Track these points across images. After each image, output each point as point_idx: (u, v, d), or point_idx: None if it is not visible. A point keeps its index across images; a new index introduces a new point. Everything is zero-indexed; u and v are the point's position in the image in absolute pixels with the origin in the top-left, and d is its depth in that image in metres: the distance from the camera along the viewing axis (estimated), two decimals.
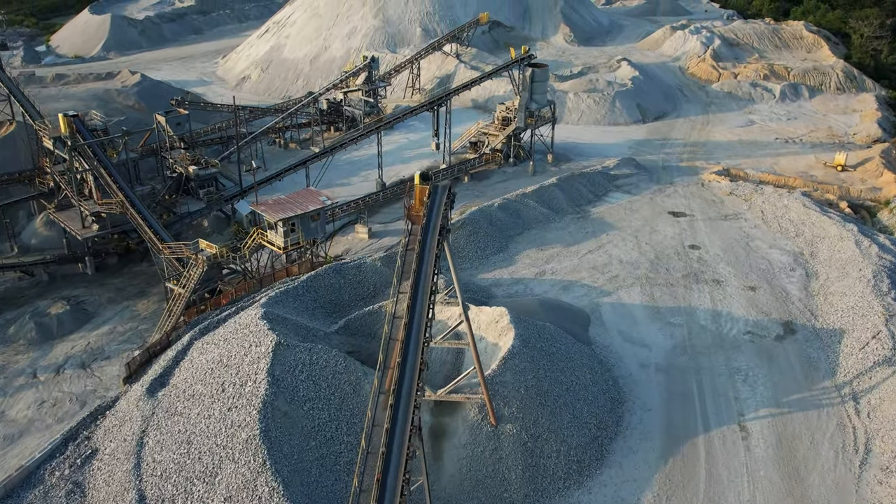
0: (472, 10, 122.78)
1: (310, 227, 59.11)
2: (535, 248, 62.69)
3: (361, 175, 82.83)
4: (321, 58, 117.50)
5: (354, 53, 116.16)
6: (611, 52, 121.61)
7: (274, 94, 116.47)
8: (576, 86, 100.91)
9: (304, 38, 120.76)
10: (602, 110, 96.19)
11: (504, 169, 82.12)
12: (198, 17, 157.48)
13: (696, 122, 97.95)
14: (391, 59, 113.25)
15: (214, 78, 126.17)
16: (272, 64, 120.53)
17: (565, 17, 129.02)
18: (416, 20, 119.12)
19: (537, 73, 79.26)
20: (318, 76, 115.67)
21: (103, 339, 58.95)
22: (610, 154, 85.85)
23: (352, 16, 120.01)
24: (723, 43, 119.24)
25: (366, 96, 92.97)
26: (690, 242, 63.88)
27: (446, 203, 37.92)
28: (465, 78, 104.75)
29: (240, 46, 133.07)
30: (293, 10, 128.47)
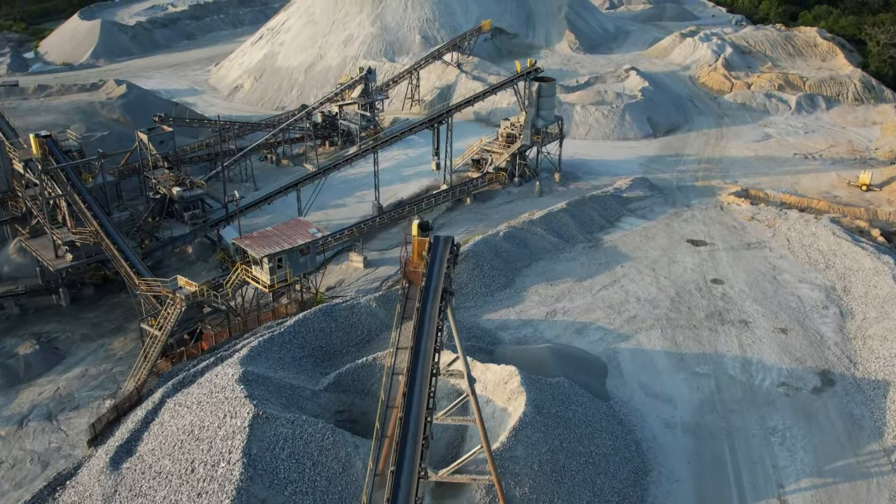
0: (473, 16, 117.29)
1: (298, 261, 53.74)
2: (545, 282, 57.26)
3: (357, 195, 77.40)
4: (316, 66, 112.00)
5: (351, 62, 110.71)
6: (618, 60, 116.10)
7: (267, 104, 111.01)
8: (583, 98, 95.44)
9: (299, 46, 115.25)
10: (611, 124, 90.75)
11: (509, 189, 76.72)
12: (191, 22, 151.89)
13: (709, 136, 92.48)
14: (389, 68, 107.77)
15: (206, 87, 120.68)
16: (265, 73, 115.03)
17: (570, 23, 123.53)
18: (416, 27, 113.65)
19: (544, 88, 73.80)
20: (313, 86, 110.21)
21: (74, 384, 53.56)
22: (620, 172, 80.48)
23: (348, 23, 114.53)
24: (734, 51, 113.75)
25: (362, 110, 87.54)
26: (713, 276, 58.47)
27: (449, 259, 32.48)
28: (466, 88, 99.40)
29: (233, 54, 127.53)
30: (287, 16, 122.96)
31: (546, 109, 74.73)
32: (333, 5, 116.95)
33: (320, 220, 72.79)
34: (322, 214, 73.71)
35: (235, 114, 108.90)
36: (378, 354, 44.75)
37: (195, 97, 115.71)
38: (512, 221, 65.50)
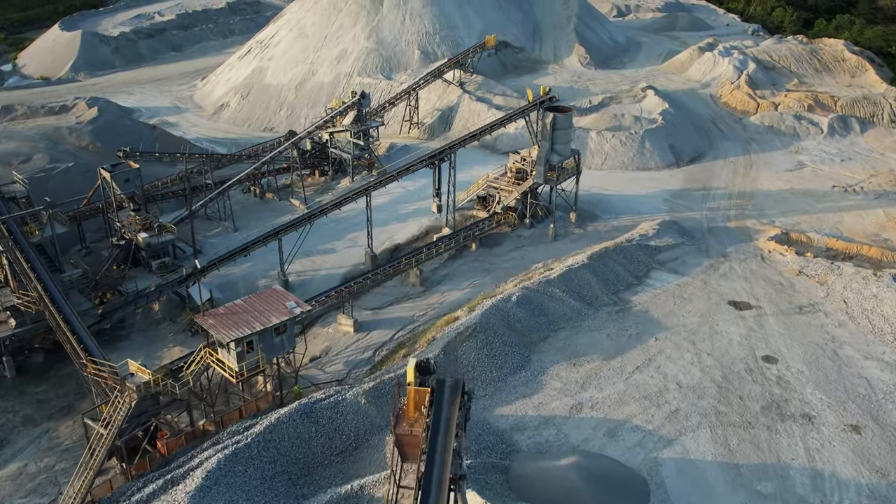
0: (476, 30, 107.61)
1: (273, 342, 44.33)
2: (566, 360, 47.81)
3: (348, 238, 67.92)
4: (307, 84, 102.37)
5: (345, 79, 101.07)
6: (632, 76, 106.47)
7: (254, 124, 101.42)
8: (598, 121, 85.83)
9: (289, 62, 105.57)
10: (630, 152, 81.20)
11: (519, 232, 67.24)
12: (178, 32, 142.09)
13: (737, 164, 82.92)
14: (386, 86, 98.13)
15: (190, 104, 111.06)
16: (253, 90, 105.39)
17: (579, 35, 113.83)
18: (414, 42, 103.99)
19: (560, 120, 64.24)
20: (304, 105, 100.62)
21: (6, 488, 44.24)
22: (643, 209, 71.02)
23: (342, 37, 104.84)
24: (757, 67, 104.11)
25: (355, 138, 77.95)
26: (764, 352, 49.00)
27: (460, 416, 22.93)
28: (469, 111, 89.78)
29: (219, 68, 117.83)
30: (277, 28, 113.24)
31: (562, 143, 65.17)
32: (326, 18, 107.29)
33: (305, 270, 63.44)
34: (308, 262, 64.28)
35: (220, 135, 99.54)
36: (366, 481, 35.36)
37: (178, 116, 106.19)
38: (525, 280, 56.02)
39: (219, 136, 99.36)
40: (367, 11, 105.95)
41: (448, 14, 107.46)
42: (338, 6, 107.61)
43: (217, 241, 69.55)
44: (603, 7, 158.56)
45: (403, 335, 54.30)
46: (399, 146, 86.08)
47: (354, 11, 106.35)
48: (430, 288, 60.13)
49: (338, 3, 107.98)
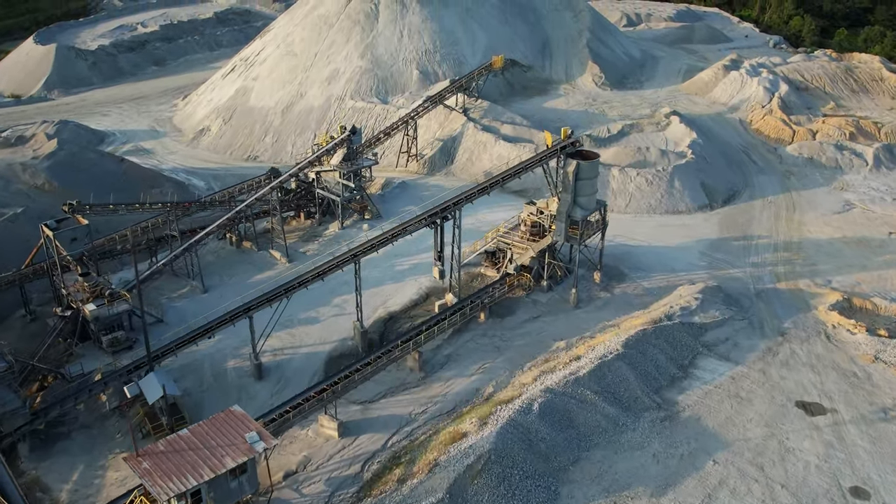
0: (480, 46, 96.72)
1: (229, 488, 33.70)
2: (605, 496, 37.15)
3: (335, 304, 57.24)
4: (295, 108, 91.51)
5: (336, 103, 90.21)
6: (651, 97, 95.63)
7: (237, 152, 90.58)
8: (620, 156, 75.02)
9: (276, 82, 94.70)
10: (657, 193, 70.44)
11: (535, 297, 56.57)
12: (161, 45, 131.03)
13: (778, 205, 72.17)
14: (381, 111, 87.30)
15: (169, 127, 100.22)
16: (236, 113, 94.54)
17: (592, 51, 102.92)
18: (413, 60, 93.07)
19: (584, 169, 53.41)
20: (291, 131, 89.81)
21: None
22: (678, 265, 60.41)
23: (333, 55, 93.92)
24: (790, 88, 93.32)
25: (344, 179, 67.15)
26: (850, 481, 38.36)
27: None
28: (475, 141, 78.94)
29: (201, 87, 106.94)
30: (263, 44, 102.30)
31: (586, 195, 54.39)
32: (316, 34, 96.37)
33: (283, 347, 52.84)
34: (287, 336, 53.62)
35: (198, 164, 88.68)
36: None
37: (155, 141, 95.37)
38: (547, 370, 45.34)
39: (197, 165, 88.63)
40: (361, 27, 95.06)
41: (450, 29, 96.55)
42: (329, 21, 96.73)
43: (183, 306, 58.84)
44: (612, 16, 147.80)
45: (398, 441, 43.69)
46: (396, 183, 75.30)
47: (347, 27, 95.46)
48: (430, 373, 49.47)
49: (329, 17, 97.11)
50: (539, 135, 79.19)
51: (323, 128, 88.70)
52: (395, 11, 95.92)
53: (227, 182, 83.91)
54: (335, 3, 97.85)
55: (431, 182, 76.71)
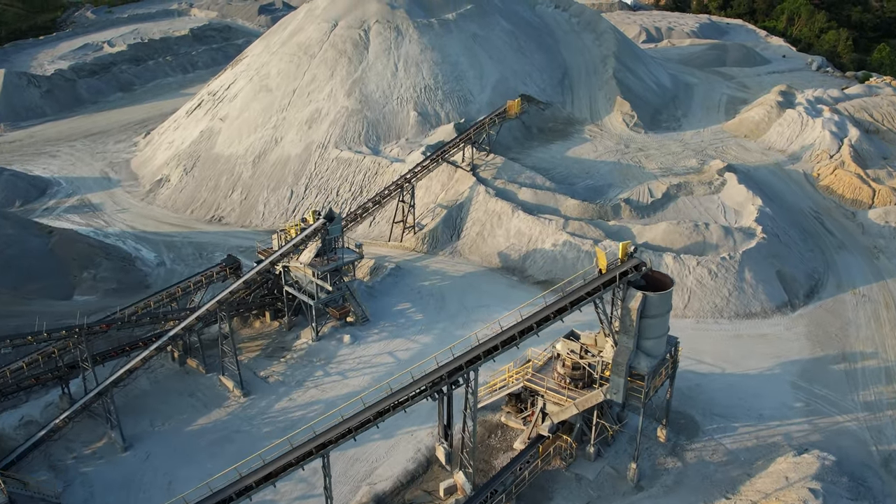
0: (490, 80, 78.95)
1: None
2: None
3: (301, 477, 39.89)
4: (269, 157, 73.90)
5: (318, 152, 72.54)
6: (694, 141, 77.90)
7: (199, 210, 73.09)
8: (671, 235, 57.34)
9: (247, 124, 77.01)
10: (724, 288, 52.94)
11: (577, 469, 39.19)
12: (128, 67, 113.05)
13: (874, 300, 54.67)
14: (371, 164, 69.71)
15: (125, 173, 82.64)
16: (200, 161, 76.94)
17: (619, 82, 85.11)
18: (409, 99, 75.30)
19: (653, 304, 35.88)
20: (264, 187, 72.25)
21: None
22: (766, 408, 43.14)
23: (315, 92, 76.16)
24: (860, 132, 75.70)
25: (320, 279, 49.56)
26: None
27: None
28: (486, 210, 61.33)
29: (165, 124, 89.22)
30: (235, 76, 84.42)
31: (655, 338, 36.86)
32: (295, 66, 78.48)
33: None
34: None
35: (152, 227, 71.05)
36: None
37: (105, 193, 77.96)
38: None
39: (150, 228, 71.14)
40: (348, 59, 77.17)
41: (454, 61, 78.64)
42: (310, 51, 78.84)
43: (93, 473, 41.40)
44: (631, 31, 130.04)
45: None
46: (388, 269, 57.68)
47: (331, 58, 77.57)
48: None
49: (310, 46, 79.22)
50: (566, 202, 61.64)
51: (301, 183, 71.14)
52: (388, 40, 78.06)
53: (183, 254, 66.80)
54: (317, 29, 79.97)
55: (433, 265, 59.20)
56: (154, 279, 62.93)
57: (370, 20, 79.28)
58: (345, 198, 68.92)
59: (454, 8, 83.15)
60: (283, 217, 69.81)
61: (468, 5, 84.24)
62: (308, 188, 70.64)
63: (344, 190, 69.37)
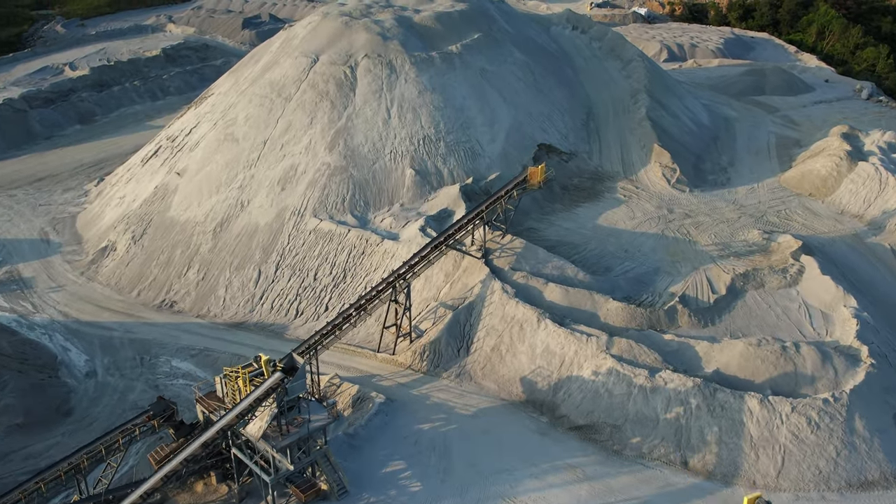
0: (502, 126, 63.53)
1: None
2: None
3: None
4: (233, 226, 58.61)
5: (292, 220, 57.28)
6: (749, 202, 62.46)
7: (147, 292, 57.87)
8: (749, 361, 41.82)
9: (208, 181, 61.68)
10: (830, 446, 37.86)
11: None
12: (90, 94, 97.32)
13: None
14: (357, 239, 54.45)
15: (68, 234, 67.43)
16: (151, 226, 61.68)
17: (654, 124, 69.71)
18: (405, 153, 59.93)
19: None
20: (226, 265, 56.99)
21: None
22: None
23: (290, 144, 60.80)
24: None
25: (279, 452, 34.43)
26: None
27: None
28: (504, 317, 46.04)
29: (119, 170, 73.92)
30: (197, 119, 68.87)
31: None
32: (266, 111, 62.98)
33: None
34: None
35: (88, 315, 55.77)
36: None
37: (40, 264, 62.91)
38: None
39: (86, 316, 56.09)
40: (331, 102, 61.71)
41: (459, 104, 63.17)
42: (284, 92, 63.36)
43: None
44: (650, 48, 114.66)
45: None
46: (375, 404, 42.42)
47: (311, 102, 62.10)
48: None
49: (284, 86, 63.72)
50: (606, 304, 46.47)
51: (271, 261, 55.96)
52: (379, 79, 62.57)
53: (121, 358, 52.06)
54: (293, 65, 64.42)
55: (435, 394, 43.99)
56: (78, 399, 47.98)
57: (358, 54, 63.77)
58: (324, 283, 53.72)
59: (459, 37, 67.61)
60: (249, 305, 54.66)
61: (475, 34, 68.69)
62: (279, 268, 55.42)
63: (323, 272, 54.17)
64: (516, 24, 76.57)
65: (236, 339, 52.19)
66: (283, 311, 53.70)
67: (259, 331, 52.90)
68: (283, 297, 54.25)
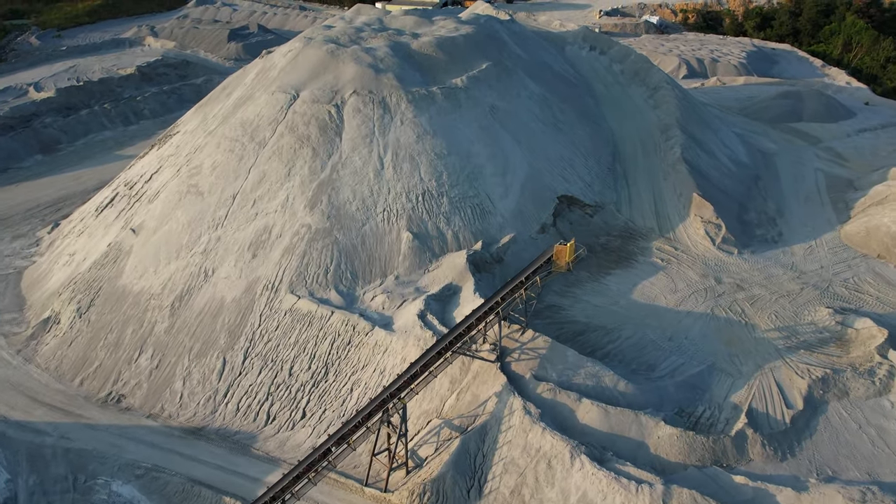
0: (517, 176, 52.56)
1: None
2: None
3: None
4: (194, 301, 47.71)
5: (264, 296, 46.40)
6: (812, 270, 51.56)
7: (91, 381, 47.03)
8: None
9: (167, 243, 50.75)
10: None
11: None
12: (55, 119, 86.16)
13: None
14: (340, 325, 43.57)
15: (10, 296, 56.46)
16: (100, 296, 50.76)
17: (691, 168, 58.85)
18: (401, 213, 49.03)
19: None
20: (184, 350, 46.15)
21: None
22: None
23: (264, 199, 49.88)
24: None
25: None
26: None
27: None
28: (524, 448, 35.52)
29: (73, 217, 62.94)
30: (160, 162, 57.80)
31: None
32: (237, 159, 51.97)
33: None
34: None
35: (19, 411, 45.00)
36: None
37: None
38: None
39: (16, 413, 45.65)
40: (313, 149, 50.71)
41: (465, 149, 52.17)
42: (258, 136, 52.32)
43: None
44: (668, 64, 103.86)
45: None
46: None
47: (289, 147, 51.10)
48: None
49: (258, 127, 52.66)
50: (657, 429, 35.60)
51: (239, 348, 45.14)
52: (370, 120, 51.56)
53: (50, 477, 41.59)
54: (269, 103, 53.32)
55: None
56: None
57: (345, 90, 52.72)
58: (301, 381, 42.90)
59: (464, 68, 56.55)
60: (210, 404, 43.88)
61: (483, 63, 57.62)
62: (248, 357, 44.60)
63: (301, 366, 43.34)
64: (529, 47, 65.52)
65: (193, 454, 41.38)
66: (251, 415, 42.89)
67: (221, 441, 42.06)
68: (252, 396, 43.44)
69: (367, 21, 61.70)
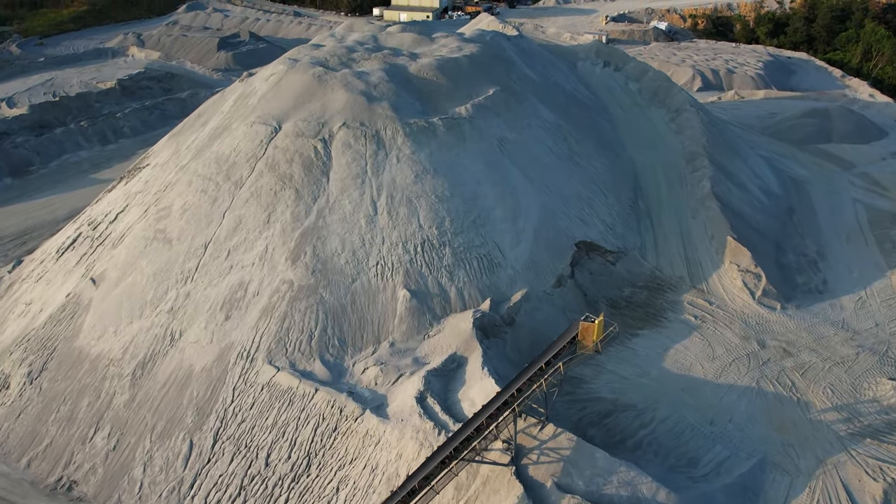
0: (530, 220, 45.57)
1: None
2: None
3: None
4: (159, 369, 40.75)
5: (239, 367, 39.46)
6: (866, 328, 44.63)
7: (39, 462, 40.07)
8: None
9: (129, 298, 43.75)
10: None
11: None
12: (27, 138, 78.93)
13: None
14: (325, 406, 36.65)
15: None
16: (54, 358, 43.77)
17: (723, 204, 51.86)
18: (397, 266, 42.09)
19: None
20: (146, 429, 39.20)
21: None
22: None
23: (240, 250, 42.91)
24: None
25: None
26: None
27: None
28: None
29: (34, 257, 55.84)
30: (126, 201, 50.70)
31: None
32: (210, 202, 44.92)
33: None
34: None
35: None
36: None
37: None
38: None
39: None
40: (296, 191, 43.68)
41: (470, 191, 45.14)
42: (234, 174, 45.29)
43: None
44: (681, 75, 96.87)
45: None
46: None
47: (269, 189, 44.08)
48: None
49: (235, 165, 45.61)
50: None
51: (208, 428, 38.18)
52: (362, 157, 44.50)
53: None
54: (247, 136, 46.25)
55: None
56: None
57: (333, 122, 45.66)
58: (279, 473, 35.95)
59: (469, 94, 49.44)
60: (174, 496, 36.93)
61: (490, 88, 50.52)
62: (218, 441, 37.67)
63: (279, 455, 36.40)
64: (539, 66, 58.42)
65: None
66: None
67: None
68: (222, 489, 36.52)
69: (359, 39, 54.55)
